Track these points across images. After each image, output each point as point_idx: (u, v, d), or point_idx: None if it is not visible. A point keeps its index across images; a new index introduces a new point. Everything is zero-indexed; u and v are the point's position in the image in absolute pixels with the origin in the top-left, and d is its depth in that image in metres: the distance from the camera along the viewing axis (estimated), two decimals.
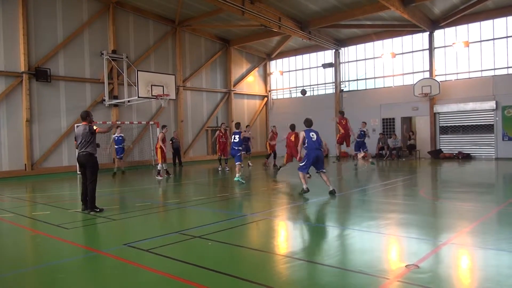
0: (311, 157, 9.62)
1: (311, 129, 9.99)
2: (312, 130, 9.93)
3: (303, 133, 9.85)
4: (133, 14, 20.10)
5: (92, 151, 7.96)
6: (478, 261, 4.81)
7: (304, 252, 5.13)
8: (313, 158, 9.62)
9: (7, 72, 15.97)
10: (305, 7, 19.44)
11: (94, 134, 7.99)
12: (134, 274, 4.54)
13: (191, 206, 8.92)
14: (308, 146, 9.71)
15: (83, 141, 7.91)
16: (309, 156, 9.66)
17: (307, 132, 9.89)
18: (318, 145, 9.72)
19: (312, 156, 9.61)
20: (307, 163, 9.70)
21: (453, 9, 19.52)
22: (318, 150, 9.69)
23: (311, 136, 9.79)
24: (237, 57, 26.02)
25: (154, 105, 20.91)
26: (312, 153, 9.63)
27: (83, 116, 8.16)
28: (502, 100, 19.33)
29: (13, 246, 6.09)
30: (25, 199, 10.97)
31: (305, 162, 9.71)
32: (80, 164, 8.16)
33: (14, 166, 16.21)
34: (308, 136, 9.79)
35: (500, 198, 9.43)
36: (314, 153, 9.63)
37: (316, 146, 9.69)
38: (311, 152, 9.66)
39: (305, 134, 9.83)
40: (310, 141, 9.69)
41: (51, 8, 17.21)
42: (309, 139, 9.73)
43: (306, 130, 9.96)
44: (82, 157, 7.97)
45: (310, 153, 9.67)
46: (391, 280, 4.06)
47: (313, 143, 9.69)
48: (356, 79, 24.59)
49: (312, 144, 9.67)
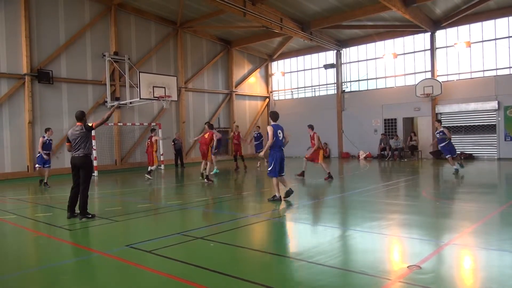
0: (277, 158, 8.72)
1: (278, 124, 8.93)
2: (279, 126, 8.89)
3: (272, 128, 8.71)
4: (135, 16, 20.15)
5: (88, 153, 7.64)
6: (480, 261, 4.80)
7: (306, 252, 5.13)
8: (279, 159, 8.75)
9: (10, 74, 16.03)
10: (307, 8, 19.45)
11: (90, 131, 7.69)
12: (136, 275, 4.55)
13: (193, 207, 8.93)
14: (273, 144, 8.70)
15: (79, 142, 7.55)
16: (275, 157, 8.72)
17: (275, 128, 8.80)
18: (282, 144, 8.83)
19: (277, 156, 8.73)
20: (276, 165, 8.70)
21: (455, 9, 19.50)
22: (282, 150, 8.86)
23: (278, 133, 8.77)
24: (239, 58, 26.04)
25: (156, 107, 20.95)
26: (278, 154, 8.75)
27: (80, 116, 7.82)
28: (504, 100, 19.29)
29: (16, 248, 6.11)
30: (28, 200, 11.00)
31: (273, 165, 8.70)
32: (73, 166, 7.68)
33: (16, 167, 16.26)
34: (275, 132, 8.72)
35: (503, 199, 9.40)
36: (279, 153, 8.78)
37: (281, 146, 8.81)
38: (277, 152, 8.74)
39: (274, 130, 8.71)
40: (277, 139, 8.71)
41: (53, 10, 17.28)
42: (276, 137, 8.71)
43: (273, 125, 8.84)
44: (77, 159, 7.58)
45: (275, 154, 8.74)
46: (393, 281, 4.05)
47: (279, 141, 8.76)
48: (357, 80, 24.58)
49: (278, 143, 8.74)
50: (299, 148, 26.19)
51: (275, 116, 9.01)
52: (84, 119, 7.85)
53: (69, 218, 7.54)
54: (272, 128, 8.72)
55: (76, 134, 7.62)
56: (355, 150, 23.82)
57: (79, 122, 7.77)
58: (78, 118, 7.84)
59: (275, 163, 8.69)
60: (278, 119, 9.00)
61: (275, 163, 8.69)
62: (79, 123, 7.75)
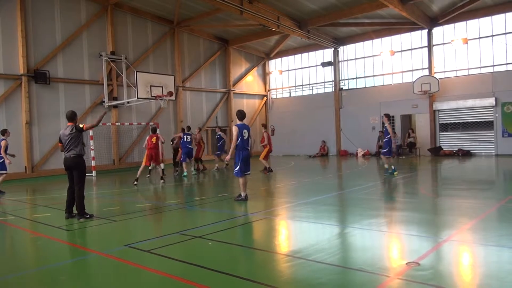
0: (242, 157, 8.70)
1: (244, 124, 8.86)
2: (245, 126, 8.81)
3: (237, 128, 8.64)
4: (131, 15, 20.10)
5: (80, 153, 7.53)
6: (479, 257, 4.81)
7: (304, 250, 5.13)
8: (244, 158, 8.73)
9: (6, 75, 15.97)
10: (304, 6, 19.44)
11: (82, 132, 7.58)
12: (135, 275, 4.55)
13: (191, 206, 8.93)
14: (238, 144, 8.67)
15: (71, 142, 7.45)
16: (240, 156, 8.71)
17: (241, 127, 8.71)
18: (247, 144, 8.79)
19: (242, 156, 8.70)
20: (241, 165, 8.71)
21: (452, 6, 19.52)
22: (246, 150, 8.79)
23: (243, 133, 8.69)
24: (236, 57, 26.02)
25: (154, 106, 20.92)
26: (242, 153, 8.71)
27: (71, 116, 7.70)
28: (501, 97, 19.34)
29: (14, 249, 6.10)
30: (26, 201, 10.97)
31: (239, 165, 8.71)
32: (66, 167, 7.58)
33: (14, 168, 16.16)
34: (241, 132, 8.64)
35: (501, 195, 9.42)
36: (243, 153, 8.72)
37: (246, 145, 8.75)
38: (241, 152, 8.70)
39: (239, 130, 8.64)
40: (241, 139, 8.65)
41: (49, 10, 17.21)
42: (241, 137, 8.65)
43: (239, 125, 8.74)
44: (70, 160, 7.48)
45: (239, 153, 8.72)
46: (392, 278, 4.06)
47: (244, 141, 8.71)
48: (355, 78, 24.59)
49: (243, 142, 8.69)
50: (299, 147, 26.28)
51: (241, 115, 8.87)
52: (75, 119, 7.74)
53: (67, 218, 7.52)
54: (237, 128, 8.65)
55: (67, 134, 7.53)
56: (353, 148, 23.85)
57: (70, 122, 7.67)
58: (68, 118, 7.72)
59: (240, 162, 8.69)
60: (244, 119, 8.92)
61: (240, 162, 8.69)
62: (70, 123, 7.65)
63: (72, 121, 7.67)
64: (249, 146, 8.84)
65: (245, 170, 8.82)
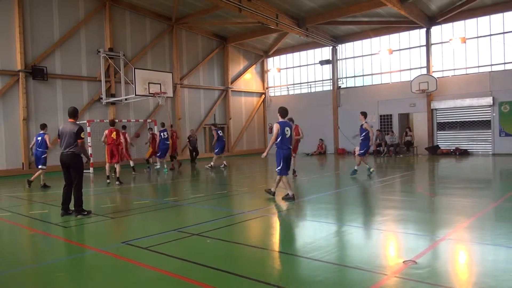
0: (283, 156, 8.38)
1: (286, 121, 8.51)
2: (287, 123, 8.47)
3: (278, 126, 8.33)
4: (130, 12, 20.04)
5: (77, 151, 7.39)
6: (475, 256, 4.83)
7: (302, 248, 5.14)
8: (285, 157, 8.40)
9: (4, 70, 15.91)
10: (302, 4, 19.42)
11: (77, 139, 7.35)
12: (133, 272, 4.55)
13: (190, 203, 8.93)
14: (279, 142, 8.37)
15: (70, 140, 7.32)
16: (280, 156, 8.40)
17: (283, 125, 8.38)
18: (289, 142, 8.44)
19: (283, 155, 8.39)
20: (283, 163, 8.39)
21: (450, 5, 19.53)
22: (289, 148, 8.44)
23: (285, 131, 8.36)
24: (234, 54, 25.98)
25: (152, 103, 20.88)
26: (283, 152, 8.40)
27: (72, 113, 7.56)
28: (499, 96, 19.39)
29: (11, 245, 6.09)
30: (23, 197, 10.94)
31: (282, 164, 8.39)
32: (62, 164, 7.47)
33: (11, 165, 16.17)
34: (282, 130, 8.32)
35: (497, 194, 9.46)
36: (284, 152, 8.41)
37: (288, 144, 8.42)
38: (282, 151, 8.40)
39: (280, 127, 8.33)
40: (282, 137, 8.32)
41: (47, 6, 17.13)
42: (283, 135, 8.31)
43: (281, 122, 8.40)
44: (66, 156, 7.37)
45: (280, 152, 8.40)
46: (389, 276, 4.08)
47: (285, 139, 8.38)
48: (353, 76, 24.60)
49: (283, 141, 8.36)
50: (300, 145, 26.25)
51: (284, 112, 8.46)
52: (77, 116, 7.65)
53: (62, 216, 7.45)
54: (279, 125, 8.32)
55: (66, 131, 7.41)
56: (351, 146, 23.86)
57: (71, 118, 7.56)
58: (70, 114, 7.60)
59: (282, 161, 8.37)
60: (287, 116, 8.53)
61: (282, 161, 8.37)
62: (71, 120, 7.55)
63: (74, 118, 7.58)
64: (291, 144, 8.52)
65: (287, 169, 8.54)
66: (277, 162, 8.50)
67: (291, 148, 8.59)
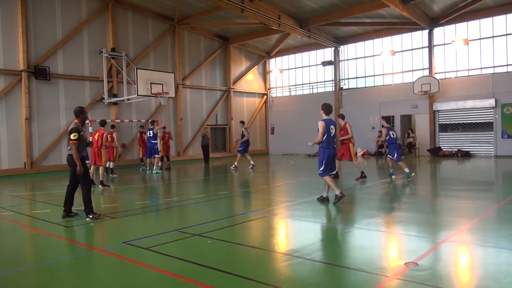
0: (328, 156, 7.94)
1: (331, 119, 8.02)
2: (332, 121, 7.99)
3: (323, 124, 7.85)
4: (132, 12, 20.07)
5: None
6: (477, 258, 4.81)
7: (303, 250, 5.13)
8: (331, 157, 7.97)
9: (6, 70, 15.95)
10: (305, 5, 19.42)
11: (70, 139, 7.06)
12: (133, 272, 4.55)
13: (191, 204, 8.93)
14: (324, 141, 7.91)
15: (68, 141, 7.17)
16: (325, 155, 7.95)
17: (328, 122, 7.90)
18: (333, 141, 8.04)
19: (328, 154, 7.93)
20: (327, 163, 7.96)
21: (453, 6, 19.51)
22: (333, 148, 8.02)
23: (330, 129, 7.93)
24: (237, 55, 25.99)
25: (154, 103, 20.90)
26: (328, 151, 7.93)
27: (75, 113, 7.36)
28: (501, 98, 19.34)
29: (13, 244, 6.09)
30: (25, 197, 10.96)
31: (324, 164, 7.96)
32: (68, 164, 7.41)
33: (13, 164, 16.21)
34: (327, 128, 7.87)
35: (499, 196, 9.43)
36: (329, 151, 7.94)
37: (332, 143, 8.00)
38: (326, 150, 7.93)
39: (326, 125, 7.86)
40: (327, 136, 7.88)
41: (50, 6, 17.18)
42: (328, 133, 7.88)
43: (326, 120, 7.92)
44: (68, 157, 7.28)
45: (324, 152, 7.95)
46: (390, 278, 4.06)
47: (330, 138, 7.94)
48: (355, 77, 24.58)
49: (328, 139, 7.92)
50: (298, 146, 26.26)
51: (328, 109, 7.97)
52: (81, 116, 7.35)
53: (63, 217, 7.29)
54: (324, 123, 7.85)
55: (68, 131, 7.28)
56: None
57: (76, 119, 7.40)
58: (75, 114, 7.45)
59: (325, 161, 7.95)
60: (331, 113, 8.02)
61: (325, 161, 7.95)
62: (75, 120, 7.38)
63: (77, 118, 7.36)
64: (335, 143, 8.18)
65: (331, 170, 8.09)
66: (319, 162, 8.09)
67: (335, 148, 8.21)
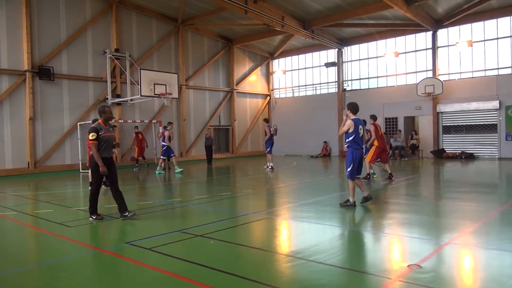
0: (356, 157, 7.69)
1: (359, 119, 7.81)
2: (360, 121, 7.80)
3: (352, 123, 7.62)
4: (136, 13, 20.13)
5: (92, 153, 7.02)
6: (480, 261, 4.79)
7: (306, 251, 5.12)
8: (358, 159, 7.72)
9: (11, 70, 16.03)
10: (308, 6, 19.41)
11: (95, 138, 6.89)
12: (136, 272, 4.55)
13: (193, 204, 8.93)
14: (351, 141, 7.67)
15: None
16: (352, 156, 7.70)
17: (357, 122, 7.67)
18: (362, 142, 7.80)
19: (355, 155, 7.69)
20: (354, 164, 7.69)
21: (457, 8, 19.46)
22: (361, 149, 7.78)
23: (359, 130, 7.70)
24: (240, 56, 26.02)
25: (157, 104, 20.94)
26: (356, 152, 7.70)
27: (98, 112, 7.18)
28: (505, 100, 19.27)
29: (16, 244, 6.11)
30: (28, 197, 11.00)
31: (352, 166, 7.69)
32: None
33: (17, 164, 16.27)
34: (356, 128, 7.63)
35: (503, 198, 9.39)
36: (357, 152, 7.71)
37: (361, 144, 7.76)
38: (354, 151, 7.69)
39: (355, 126, 7.61)
40: (356, 136, 7.66)
41: (55, 7, 17.26)
42: (356, 133, 7.64)
43: (355, 120, 7.67)
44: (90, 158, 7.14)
45: (353, 152, 7.69)
46: (393, 280, 4.05)
47: (359, 139, 7.72)
48: (359, 78, 24.55)
49: (358, 140, 7.69)
50: (301, 147, 26.26)
51: (355, 108, 7.75)
52: (103, 116, 7.07)
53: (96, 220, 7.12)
54: (354, 122, 7.62)
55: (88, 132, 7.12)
56: None
57: (99, 118, 7.20)
58: (98, 113, 7.22)
59: (353, 163, 7.67)
60: (357, 112, 7.79)
61: (354, 163, 7.66)
62: (99, 120, 7.16)
63: (100, 118, 7.16)
64: (363, 144, 7.91)
65: (358, 172, 7.83)
66: (347, 163, 7.81)
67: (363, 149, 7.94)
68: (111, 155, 7.25)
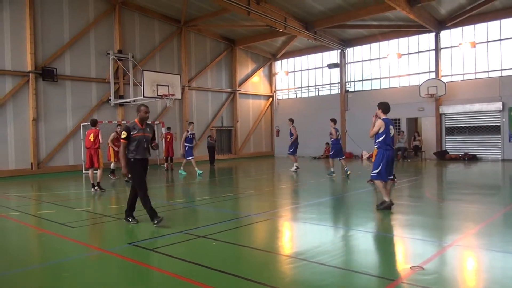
0: (387, 158, 7.41)
1: (389, 119, 7.58)
2: (391, 121, 7.56)
3: (383, 123, 7.41)
4: (139, 14, 20.18)
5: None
6: (483, 263, 4.77)
7: (308, 252, 5.12)
8: (390, 159, 7.47)
9: (14, 71, 16.08)
10: (311, 7, 19.41)
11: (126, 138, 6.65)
12: (138, 273, 4.56)
13: (196, 205, 8.94)
14: (382, 142, 7.42)
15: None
16: (383, 157, 7.41)
17: (388, 122, 7.45)
18: (393, 142, 7.56)
19: (386, 156, 7.40)
20: (383, 166, 7.40)
21: (460, 9, 19.41)
22: (392, 149, 7.54)
23: (390, 130, 7.45)
24: (242, 57, 26.03)
25: (160, 105, 20.98)
26: (387, 153, 7.40)
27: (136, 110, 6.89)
28: (508, 101, 19.19)
29: (19, 244, 6.13)
30: (31, 197, 11.03)
31: (381, 166, 7.40)
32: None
33: (20, 164, 16.32)
34: (387, 128, 7.40)
35: (507, 200, 9.35)
36: (388, 153, 7.42)
37: (392, 145, 7.51)
38: (385, 152, 7.42)
39: (385, 126, 7.40)
40: (387, 136, 7.39)
41: (58, 8, 17.32)
42: (387, 133, 7.38)
43: (386, 120, 7.47)
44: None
45: (383, 153, 7.42)
46: (396, 281, 4.04)
47: (390, 139, 7.45)
48: (361, 80, 24.52)
49: (389, 141, 7.43)
50: (304, 148, 26.21)
51: (386, 108, 7.54)
52: (138, 114, 6.77)
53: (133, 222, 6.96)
54: (384, 122, 7.42)
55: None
56: (358, 150, 23.76)
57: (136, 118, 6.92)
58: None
59: (384, 163, 7.40)
60: (389, 111, 7.58)
61: (383, 163, 7.40)
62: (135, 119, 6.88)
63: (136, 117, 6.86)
64: (393, 145, 7.70)
65: (389, 174, 7.59)
66: (375, 164, 7.56)
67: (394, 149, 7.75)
68: (147, 157, 6.88)
